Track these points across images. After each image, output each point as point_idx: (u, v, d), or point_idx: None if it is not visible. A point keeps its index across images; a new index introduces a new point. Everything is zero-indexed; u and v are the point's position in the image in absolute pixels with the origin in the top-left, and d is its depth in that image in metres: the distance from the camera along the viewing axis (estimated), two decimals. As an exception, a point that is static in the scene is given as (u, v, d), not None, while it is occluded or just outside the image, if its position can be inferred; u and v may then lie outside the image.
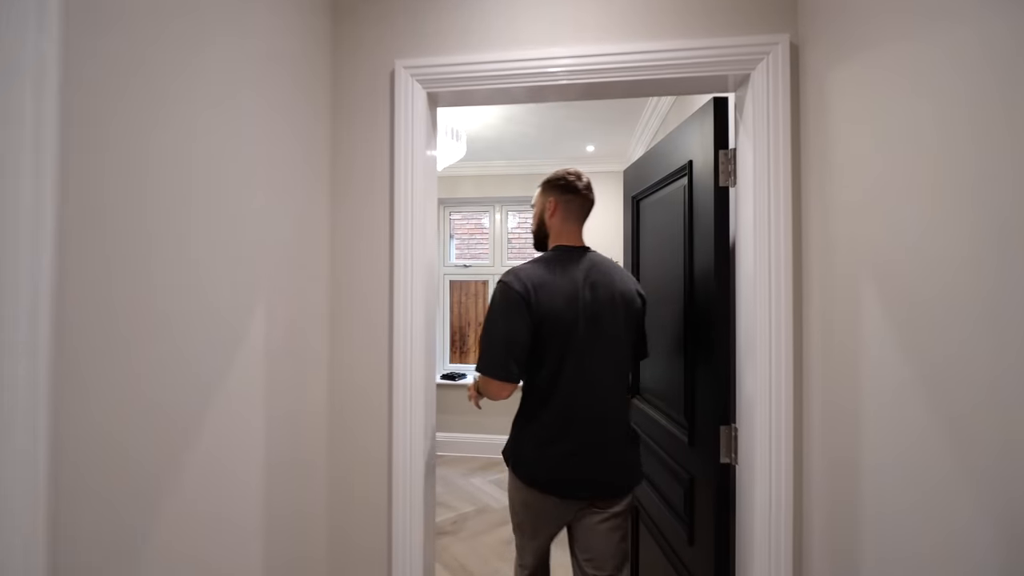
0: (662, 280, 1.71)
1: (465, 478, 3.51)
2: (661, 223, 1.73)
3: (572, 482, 1.31)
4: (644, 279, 1.89)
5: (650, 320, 1.55)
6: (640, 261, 1.97)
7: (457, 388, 4.00)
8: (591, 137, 3.29)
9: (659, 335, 1.67)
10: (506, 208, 4.15)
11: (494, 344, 1.31)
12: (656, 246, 1.79)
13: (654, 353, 1.63)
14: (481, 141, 3.32)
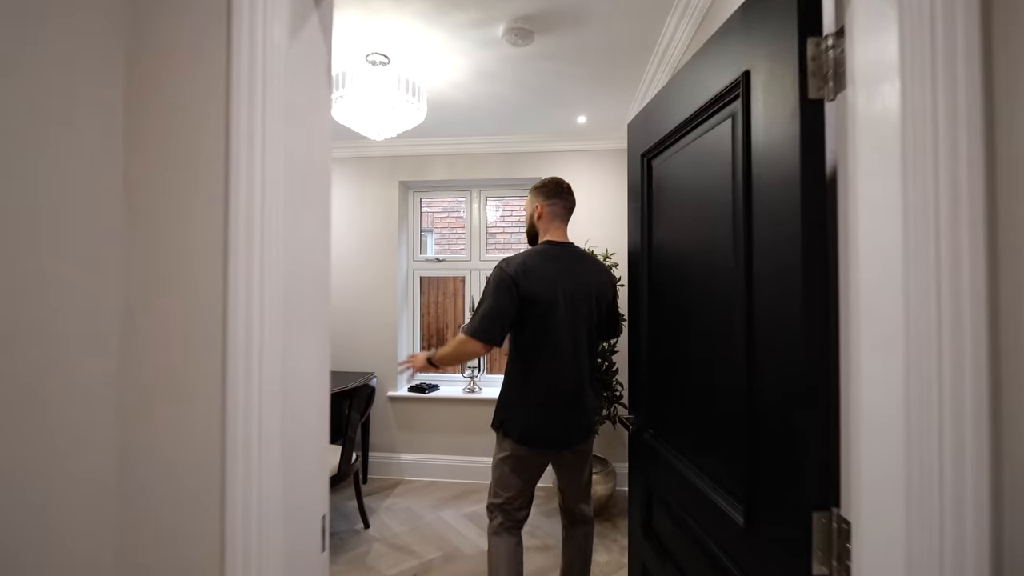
0: (694, 272, 1.16)
1: (434, 511, 2.95)
2: (692, 187, 1.19)
3: (555, 436, 1.70)
4: (663, 271, 1.35)
5: (671, 331, 1.20)
6: (655, 246, 1.42)
7: (429, 403, 3.43)
8: (583, 104, 2.74)
9: (689, 355, 1.13)
10: (484, 193, 3.59)
11: (488, 314, 1.62)
12: (683, 222, 1.24)
13: (682, 381, 1.09)
14: (450, 108, 2.75)
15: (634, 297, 1.56)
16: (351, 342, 3.51)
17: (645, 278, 1.46)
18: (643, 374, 1.47)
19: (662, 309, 1.37)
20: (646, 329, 1.45)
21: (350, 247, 3.51)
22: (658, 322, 1.39)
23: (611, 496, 2.94)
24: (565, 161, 3.33)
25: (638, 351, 1.52)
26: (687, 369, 1.18)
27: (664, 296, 1.35)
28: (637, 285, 1.54)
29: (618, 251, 3.21)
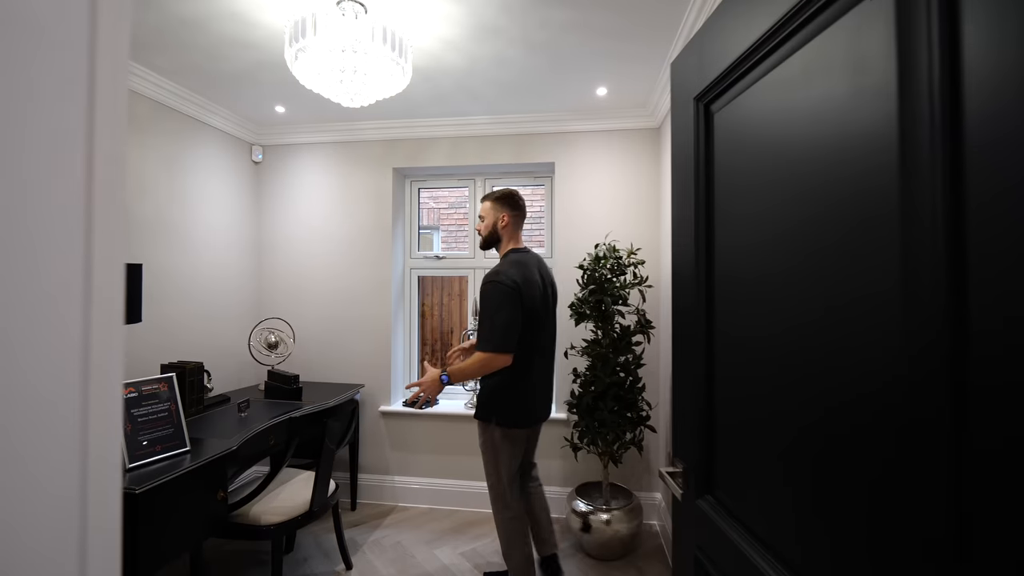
0: (819, 266, 0.71)
1: (428, 548, 2.54)
2: (799, 147, 0.74)
3: (543, 415, 2.10)
4: (742, 266, 0.91)
5: (757, 355, 0.74)
6: (718, 246, 0.98)
7: (426, 419, 3.02)
8: (603, 70, 2.30)
9: (798, 391, 0.69)
10: (490, 182, 3.17)
11: (508, 327, 1.84)
12: (778, 197, 0.80)
13: (787, 430, 0.66)
14: (446, 75, 2.33)
15: (682, 304, 1.12)
16: (336, 350, 3.12)
17: (701, 278, 1.02)
18: (696, 410, 1.03)
19: (736, 322, 0.92)
20: (703, 349, 1.01)
21: (337, 243, 3.12)
22: (732, 342, 0.94)
23: (636, 535, 2.49)
24: (583, 144, 2.89)
25: (688, 377, 1.08)
26: (797, 413, 0.74)
27: (739, 304, 0.91)
28: (684, 287, 1.10)
29: (644, 247, 2.76)
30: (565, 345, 2.77)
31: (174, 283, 2.54)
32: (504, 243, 2.08)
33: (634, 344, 2.50)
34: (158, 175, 2.45)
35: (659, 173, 2.81)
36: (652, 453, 2.82)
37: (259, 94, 2.55)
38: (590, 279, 2.50)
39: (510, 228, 2.05)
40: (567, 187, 2.91)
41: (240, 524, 1.93)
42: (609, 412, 2.38)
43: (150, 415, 1.73)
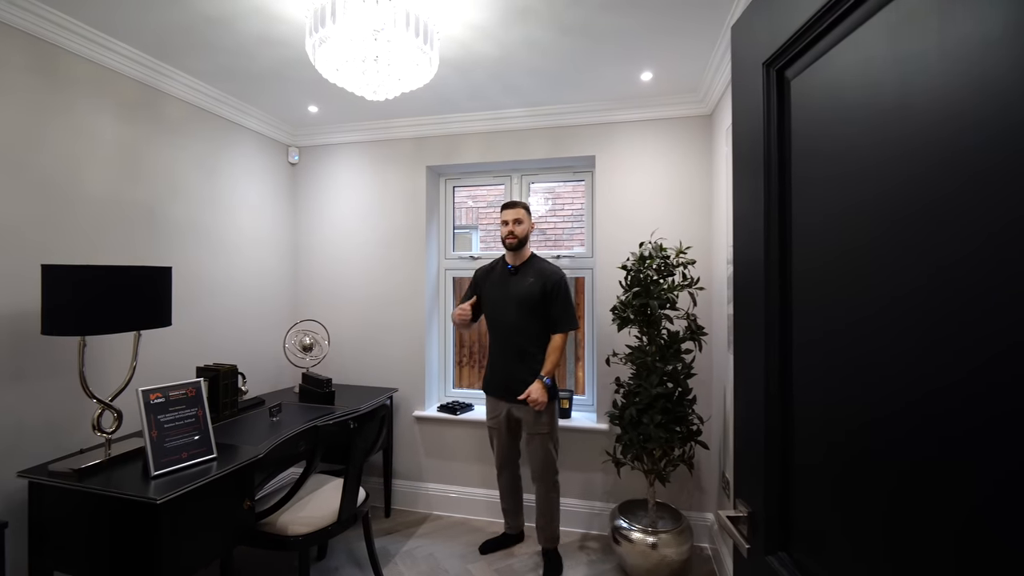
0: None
1: (462, 563, 2.42)
2: (914, 99, 0.55)
3: None
4: (841, 263, 0.71)
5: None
6: (796, 221, 0.79)
7: (461, 425, 2.91)
8: (647, 53, 2.10)
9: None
10: (527, 178, 3.02)
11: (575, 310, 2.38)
12: (884, 166, 0.60)
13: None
14: (478, 67, 2.20)
15: (747, 297, 0.93)
16: (371, 353, 3.06)
17: (773, 262, 0.83)
18: (765, 436, 0.84)
19: (822, 313, 0.73)
20: (776, 354, 0.82)
21: (371, 244, 3.07)
22: (818, 343, 0.75)
23: (686, 561, 2.27)
24: (626, 135, 2.69)
25: (754, 392, 0.89)
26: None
27: (825, 290, 0.72)
28: (750, 276, 0.91)
29: (695, 245, 2.52)
30: (606, 351, 2.58)
31: (211, 285, 2.55)
32: (528, 247, 2.42)
33: (683, 352, 2.28)
34: (195, 178, 2.46)
35: (711, 164, 2.56)
36: (704, 471, 2.58)
37: (290, 93, 2.52)
38: (634, 280, 2.30)
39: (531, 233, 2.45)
40: (609, 182, 2.71)
41: (267, 534, 1.88)
42: (655, 426, 2.17)
43: (177, 421, 1.70)
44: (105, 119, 2.02)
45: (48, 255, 1.80)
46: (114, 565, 1.54)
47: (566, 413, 2.80)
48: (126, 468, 1.66)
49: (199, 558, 1.62)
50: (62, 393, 1.82)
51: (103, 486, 1.52)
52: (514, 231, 2.33)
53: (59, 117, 1.85)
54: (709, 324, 2.50)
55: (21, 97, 1.73)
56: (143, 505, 1.47)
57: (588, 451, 2.71)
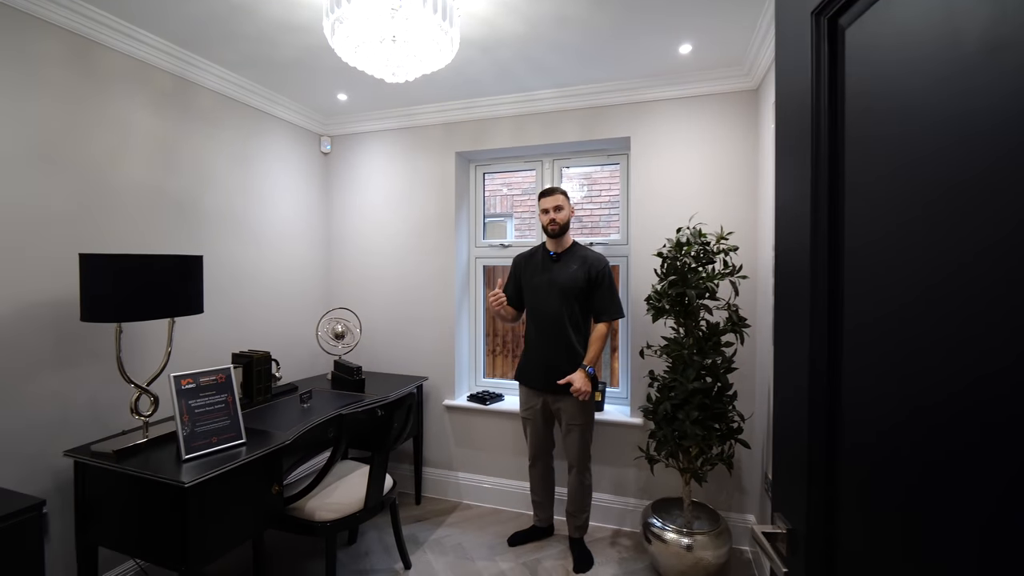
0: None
1: (490, 556, 2.39)
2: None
3: None
4: (885, 241, 0.59)
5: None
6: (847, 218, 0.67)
7: (491, 416, 2.88)
8: (685, 22, 1.95)
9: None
10: (559, 163, 2.91)
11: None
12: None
13: None
14: (503, 45, 2.11)
15: (790, 301, 0.82)
16: (401, 341, 3.07)
17: (820, 249, 0.72)
18: (807, 440, 0.74)
19: (884, 288, 0.62)
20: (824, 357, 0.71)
21: (401, 232, 3.05)
22: (875, 327, 0.64)
23: (724, 565, 2.15)
24: (663, 114, 2.53)
25: (797, 396, 0.78)
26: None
27: (887, 265, 0.60)
28: (794, 268, 0.80)
29: (738, 231, 2.36)
30: (640, 343, 2.47)
31: (246, 274, 2.61)
32: (569, 233, 2.36)
33: (724, 345, 2.13)
34: (229, 168, 2.50)
35: (757, 142, 2.37)
36: (746, 471, 2.43)
37: (317, 81, 2.51)
38: (670, 268, 2.17)
39: (571, 219, 2.37)
40: (645, 164, 2.57)
41: (296, 518, 1.91)
42: (691, 422, 2.05)
43: (207, 406, 1.74)
44: (140, 111, 2.07)
45: (87, 244, 1.87)
46: (149, 543, 1.60)
47: (598, 406, 2.70)
48: (161, 451, 1.71)
49: (228, 540, 1.66)
50: (104, 377, 1.90)
51: (138, 467, 1.58)
52: (556, 218, 2.28)
53: (96, 110, 1.91)
54: (753, 315, 2.34)
55: (59, 91, 1.79)
56: (173, 487, 1.50)
57: (621, 446, 2.62)
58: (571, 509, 2.36)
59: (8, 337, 1.65)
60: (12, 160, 1.66)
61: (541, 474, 2.45)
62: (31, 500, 1.25)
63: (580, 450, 2.29)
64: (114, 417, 1.94)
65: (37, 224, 1.73)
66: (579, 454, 2.30)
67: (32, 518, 1.24)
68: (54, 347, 1.77)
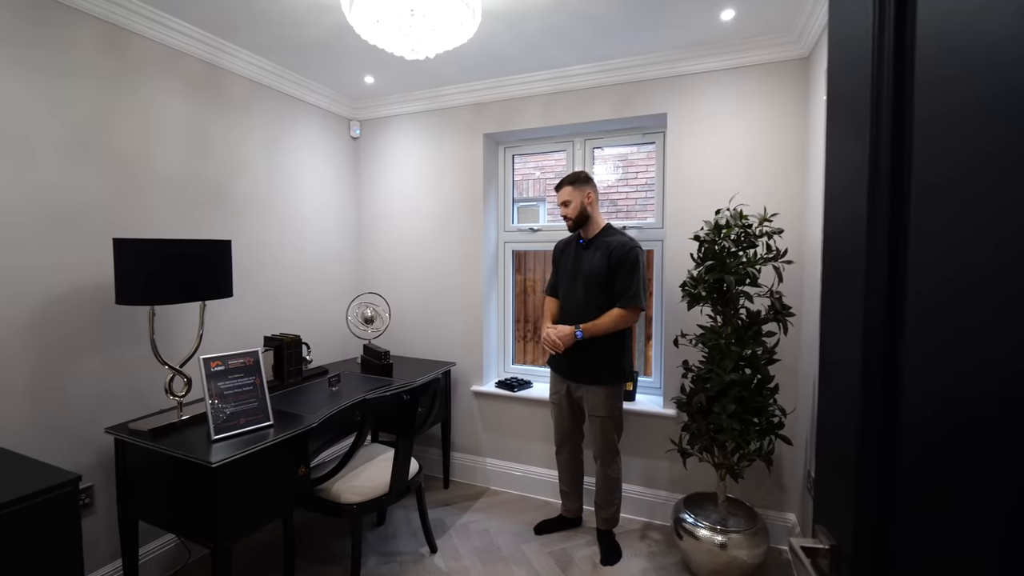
0: None
1: (516, 542, 2.37)
2: None
3: None
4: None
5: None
6: (915, 173, 0.56)
7: (519, 403, 2.84)
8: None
9: None
10: (590, 143, 2.80)
11: (644, 288, 2.12)
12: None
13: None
14: (528, 17, 2.01)
15: (839, 282, 0.72)
16: (430, 327, 3.06)
17: (880, 215, 0.62)
18: (856, 441, 0.65)
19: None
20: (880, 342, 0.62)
21: (429, 217, 3.02)
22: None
23: (761, 565, 2.04)
24: (703, 87, 2.37)
25: (847, 389, 0.69)
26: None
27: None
28: (845, 233, 0.70)
29: (784, 213, 2.19)
30: (674, 331, 2.35)
31: (278, 259, 2.65)
32: (595, 218, 2.21)
33: (765, 335, 2.00)
34: (260, 154, 2.53)
35: (807, 116, 2.18)
36: (787, 468, 2.29)
37: (343, 63, 2.49)
38: (708, 253, 2.04)
39: (596, 203, 2.21)
40: (682, 142, 2.42)
41: (323, 500, 1.94)
42: (728, 416, 1.94)
43: (235, 388, 1.77)
44: (172, 98, 2.10)
45: (122, 230, 1.93)
46: (181, 518, 1.65)
47: (630, 395, 2.62)
48: (194, 430, 1.76)
49: (256, 518, 1.70)
50: (143, 358, 1.96)
51: (171, 446, 1.62)
52: (566, 214, 2.21)
53: (129, 97, 1.94)
54: (798, 303, 2.18)
55: (93, 79, 1.83)
56: (202, 467, 1.54)
57: (653, 437, 2.52)
58: (598, 500, 2.30)
59: (53, 320, 1.73)
60: (49, 148, 1.71)
61: (567, 462, 2.39)
62: (68, 475, 1.30)
63: (603, 442, 2.20)
64: (152, 397, 2.01)
65: (76, 210, 1.79)
66: (602, 446, 2.21)
67: (70, 492, 1.29)
68: (95, 329, 1.85)
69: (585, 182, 2.18)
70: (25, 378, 1.66)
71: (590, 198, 2.18)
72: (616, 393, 2.18)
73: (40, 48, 1.68)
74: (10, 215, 1.62)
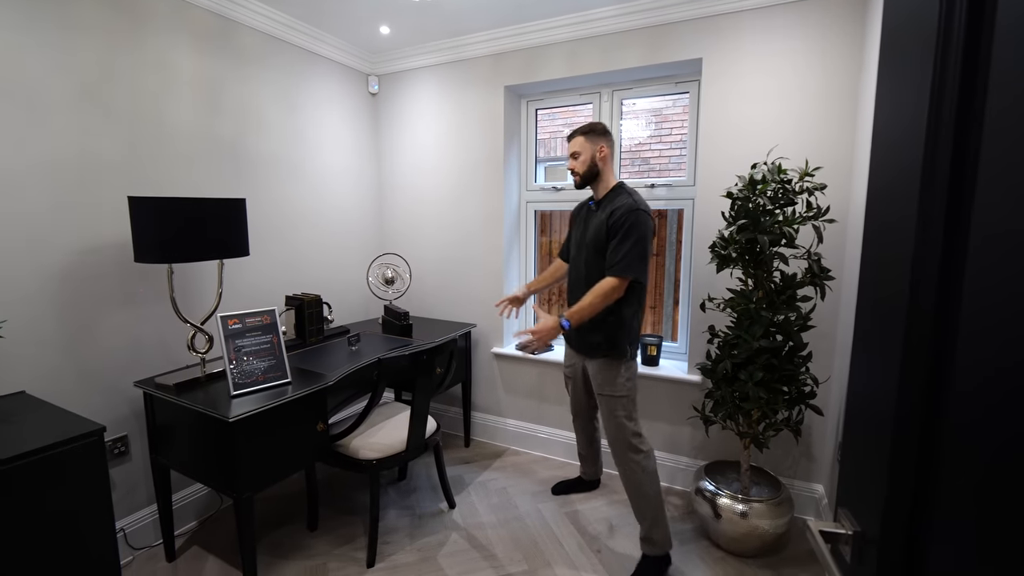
0: None
1: (533, 501, 2.39)
2: None
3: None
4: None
5: None
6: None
7: (539, 365, 2.82)
8: None
9: None
10: (618, 94, 2.61)
11: (644, 256, 1.81)
12: None
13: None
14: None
15: (884, 234, 0.62)
16: (450, 287, 3.03)
17: (940, 151, 0.51)
18: (892, 417, 0.57)
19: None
20: (931, 301, 0.52)
21: (450, 174, 2.94)
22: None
23: (784, 535, 1.99)
24: (742, 28, 2.14)
25: (885, 354, 0.60)
26: None
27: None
28: (892, 176, 0.59)
29: (828, 166, 2.01)
30: (701, 295, 2.24)
31: (297, 218, 2.64)
32: (606, 177, 1.96)
33: (800, 299, 1.87)
34: (275, 110, 2.48)
35: (861, 59, 1.95)
36: (816, 438, 2.20)
37: (358, 11, 2.37)
38: (740, 211, 1.89)
39: (609, 160, 1.96)
40: (718, 90, 2.22)
41: (342, 455, 1.98)
42: (754, 384, 1.85)
43: (253, 346, 1.79)
44: (182, 52, 2.05)
45: (138, 188, 1.93)
46: (206, 469, 1.72)
47: (653, 360, 2.54)
48: (215, 386, 1.80)
49: (276, 471, 1.75)
50: (168, 315, 2.01)
51: (194, 401, 1.67)
52: (573, 168, 1.96)
53: (138, 52, 1.91)
54: (839, 266, 2.02)
55: (101, 34, 1.79)
56: (221, 421, 1.58)
57: (676, 403, 2.46)
58: (635, 513, 1.93)
59: (78, 277, 1.77)
60: (60, 105, 1.71)
61: (582, 428, 2.36)
62: (93, 425, 1.35)
63: (614, 429, 1.89)
64: (179, 352, 2.07)
65: (92, 169, 1.80)
66: (613, 435, 1.90)
67: (95, 441, 1.34)
68: (119, 286, 1.89)
69: (601, 135, 1.92)
70: (58, 332, 1.72)
71: (603, 152, 1.91)
72: (615, 367, 1.87)
73: (47, 1, 1.64)
74: (29, 169, 1.64)
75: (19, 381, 1.63)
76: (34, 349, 1.66)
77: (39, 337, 1.68)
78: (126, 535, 1.92)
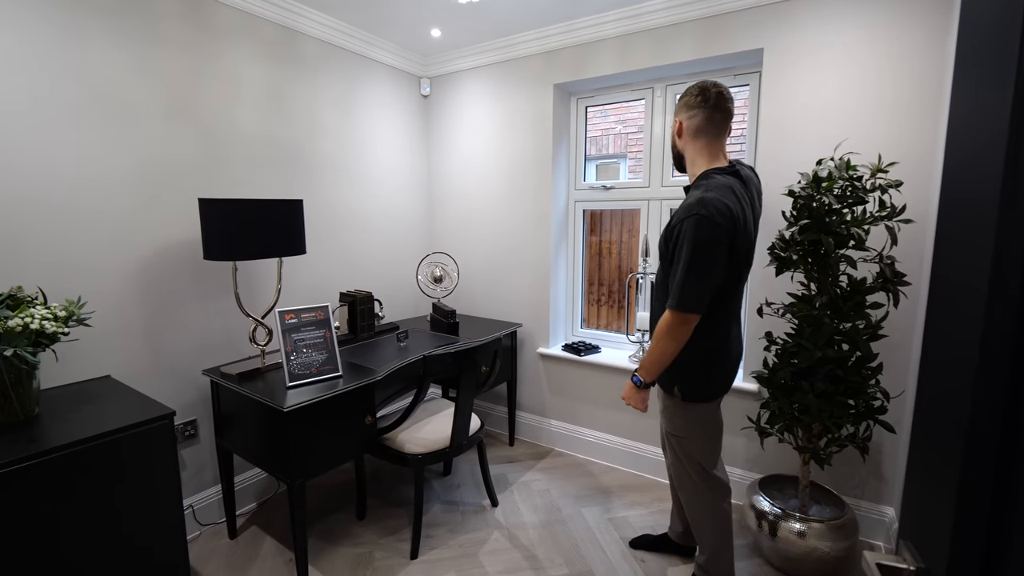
0: None
1: (576, 505, 2.36)
2: None
3: (727, 386, 1.62)
4: None
5: None
6: None
7: (585, 367, 2.77)
8: None
9: None
10: (671, 88, 2.52)
11: (708, 278, 1.38)
12: None
13: None
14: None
15: (961, 234, 0.55)
16: (497, 287, 3.05)
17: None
18: (964, 438, 0.51)
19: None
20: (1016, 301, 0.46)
21: (499, 174, 2.95)
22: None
23: (845, 560, 1.85)
24: (806, 15, 2.01)
25: (960, 361, 0.54)
26: None
27: None
28: (972, 172, 0.53)
29: (905, 163, 1.84)
30: (759, 300, 2.12)
31: (352, 218, 2.75)
32: (691, 159, 1.54)
33: (869, 306, 1.72)
34: (333, 114, 2.59)
35: (944, 43, 1.77)
36: (886, 456, 2.02)
37: (409, 15, 2.43)
38: (803, 210, 1.77)
39: (689, 137, 1.52)
40: (780, 83, 2.09)
41: (389, 448, 2.04)
42: (816, 395, 1.72)
43: (308, 340, 1.88)
44: (250, 62, 2.19)
45: (209, 190, 2.07)
46: (263, 455, 1.82)
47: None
48: (274, 376, 1.91)
49: (326, 460, 1.83)
50: (233, 309, 2.15)
51: (253, 390, 1.78)
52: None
53: (211, 63, 2.05)
54: (917, 271, 1.85)
55: (179, 46, 1.94)
56: (277, 410, 1.67)
57: (729, 412, 2.33)
58: (695, 536, 1.78)
59: (157, 273, 1.93)
60: (146, 114, 1.87)
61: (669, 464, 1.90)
62: (165, 409, 1.47)
63: (676, 469, 1.71)
64: (243, 343, 2.21)
65: (170, 173, 1.95)
66: (675, 473, 1.73)
67: (165, 424, 1.46)
68: (192, 282, 2.04)
69: (682, 105, 1.54)
70: (137, 322, 1.89)
71: (678, 128, 1.55)
72: (681, 409, 1.60)
73: (130, 13, 1.80)
74: (118, 173, 1.80)
75: (106, 366, 1.80)
76: (117, 338, 1.83)
77: (122, 327, 1.84)
78: (195, 511, 2.07)
